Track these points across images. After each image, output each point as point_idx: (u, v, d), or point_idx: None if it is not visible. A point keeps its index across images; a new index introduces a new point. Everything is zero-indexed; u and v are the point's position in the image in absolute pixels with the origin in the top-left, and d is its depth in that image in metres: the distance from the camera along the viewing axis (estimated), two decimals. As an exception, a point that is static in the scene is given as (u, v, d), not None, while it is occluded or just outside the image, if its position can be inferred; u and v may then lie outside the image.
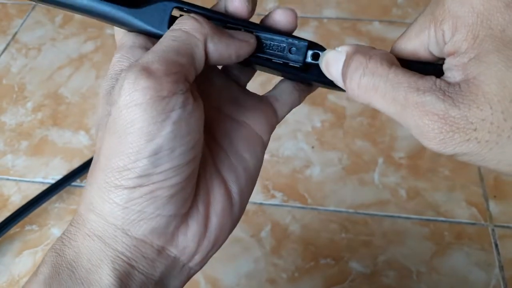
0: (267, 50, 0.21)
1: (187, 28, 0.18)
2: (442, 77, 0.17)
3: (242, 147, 0.21)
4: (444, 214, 0.58)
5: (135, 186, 0.17)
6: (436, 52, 0.18)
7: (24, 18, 0.87)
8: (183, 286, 0.20)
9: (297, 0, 0.85)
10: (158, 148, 0.16)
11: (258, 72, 0.25)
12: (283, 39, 0.21)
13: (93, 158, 0.19)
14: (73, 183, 0.62)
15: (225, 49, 0.19)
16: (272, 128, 0.23)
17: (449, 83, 0.17)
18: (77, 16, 0.87)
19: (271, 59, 0.21)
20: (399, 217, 0.58)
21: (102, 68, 0.78)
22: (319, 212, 0.59)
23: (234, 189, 0.21)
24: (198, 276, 0.55)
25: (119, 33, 0.22)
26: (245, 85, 0.25)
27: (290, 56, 0.21)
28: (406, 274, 0.54)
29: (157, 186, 0.17)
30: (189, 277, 0.20)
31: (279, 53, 0.21)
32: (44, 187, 0.61)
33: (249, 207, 0.60)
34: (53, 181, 0.62)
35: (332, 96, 0.71)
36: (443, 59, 0.19)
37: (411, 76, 0.17)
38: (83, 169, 0.62)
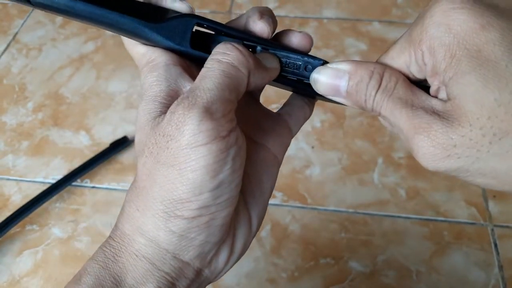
0: (284, 68, 0.22)
1: (235, 63, 0.19)
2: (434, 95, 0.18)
3: (260, 170, 0.22)
4: (444, 214, 0.59)
5: (195, 216, 0.18)
6: (416, 73, 0.19)
7: (24, 18, 0.87)
8: None
9: (297, 0, 0.85)
10: (220, 183, 0.18)
11: None
12: (299, 57, 0.21)
13: (137, 183, 0.19)
14: (74, 183, 0.63)
15: (261, 81, 0.20)
16: (287, 147, 0.24)
17: (439, 101, 0.18)
18: (78, 17, 0.87)
19: (287, 76, 0.22)
20: (398, 217, 0.59)
21: (103, 69, 0.78)
22: (319, 212, 0.60)
23: (255, 215, 0.22)
24: (198, 276, 0.55)
25: (137, 47, 0.22)
26: (259, 98, 0.26)
27: (306, 73, 0.21)
28: (405, 274, 0.54)
29: (214, 216, 0.18)
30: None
31: (295, 70, 0.22)
32: (44, 187, 0.61)
33: (249, 207, 0.60)
34: (53, 181, 0.62)
35: (332, 96, 0.72)
36: (423, 81, 0.19)
37: (408, 91, 0.18)
38: (84, 169, 0.62)
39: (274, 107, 0.70)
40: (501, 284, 0.53)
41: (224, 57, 0.19)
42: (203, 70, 0.19)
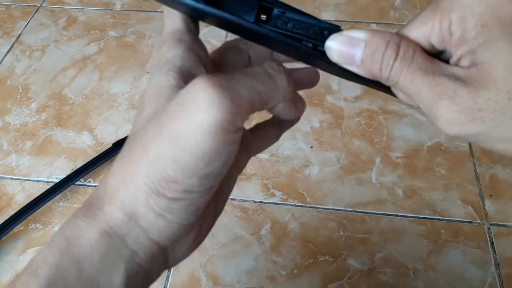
0: (300, 34, 0.20)
1: (279, 86, 0.19)
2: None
3: (234, 167, 0.22)
4: (441, 213, 0.59)
5: (177, 198, 0.17)
6: (437, 43, 0.19)
7: (28, 20, 0.88)
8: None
9: (296, 2, 0.86)
10: (210, 172, 0.17)
11: None
12: (316, 22, 0.20)
13: (126, 153, 0.18)
14: (77, 182, 0.63)
15: (283, 112, 0.20)
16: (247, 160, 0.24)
17: (460, 68, 0.18)
18: (81, 18, 0.88)
19: (301, 40, 0.20)
20: (396, 215, 0.59)
21: (106, 70, 0.79)
22: (318, 210, 0.60)
23: (220, 204, 0.22)
24: (200, 274, 0.56)
25: (173, 15, 0.21)
26: None
27: (321, 39, 0.20)
28: (403, 272, 0.55)
29: (193, 201, 0.18)
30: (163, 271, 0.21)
31: (310, 35, 0.20)
32: (48, 186, 0.61)
33: (249, 205, 0.61)
34: (57, 181, 0.63)
35: (330, 97, 0.73)
36: (441, 52, 0.19)
37: (427, 60, 0.18)
38: (87, 168, 0.63)
39: (274, 108, 0.71)
40: (498, 282, 0.54)
41: (273, 72, 0.19)
42: (248, 68, 0.19)
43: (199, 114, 0.16)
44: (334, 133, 0.68)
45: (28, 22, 0.87)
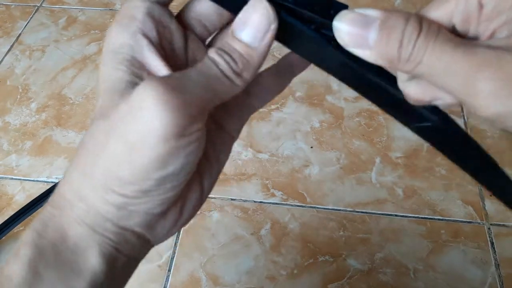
0: (302, 14, 0.18)
1: (236, 83, 0.18)
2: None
3: (219, 150, 0.22)
4: (441, 213, 0.59)
5: (134, 196, 0.17)
6: (460, 23, 0.17)
7: (27, 20, 0.88)
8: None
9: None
10: (167, 175, 0.17)
11: None
12: None
13: (85, 145, 0.18)
14: (77, 182, 0.63)
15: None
16: (243, 124, 0.23)
17: (497, 39, 0.16)
18: (81, 18, 0.88)
19: (304, 17, 0.17)
20: (396, 215, 0.59)
21: (105, 70, 0.79)
22: (318, 210, 0.60)
23: (207, 184, 0.21)
24: (200, 274, 0.56)
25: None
26: None
27: (326, 20, 0.17)
28: (403, 272, 0.55)
29: (154, 198, 0.18)
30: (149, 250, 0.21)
31: (314, 16, 0.17)
32: (48, 186, 0.62)
33: (249, 205, 0.61)
34: (56, 181, 0.63)
35: (330, 97, 0.73)
36: (463, 35, 0.17)
37: (457, 37, 0.16)
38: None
39: (273, 108, 0.71)
40: (498, 282, 0.54)
41: (229, 72, 0.18)
42: (202, 63, 0.17)
43: (150, 120, 0.16)
44: (334, 133, 0.68)
45: (28, 22, 0.87)
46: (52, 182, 0.64)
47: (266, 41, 0.18)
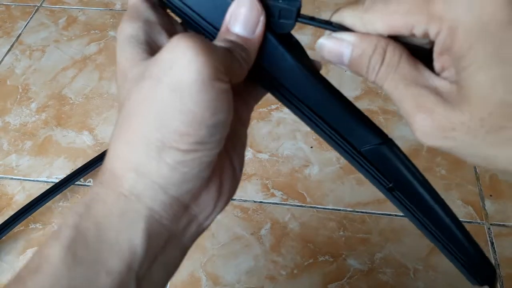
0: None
1: (244, 68, 0.20)
2: (438, 74, 0.19)
3: (239, 127, 0.23)
4: (441, 213, 0.59)
5: (191, 150, 0.18)
6: (419, 35, 0.18)
7: (27, 20, 0.88)
8: (193, 243, 0.21)
9: (296, 2, 0.86)
10: (217, 122, 0.18)
11: None
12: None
13: (124, 115, 0.19)
14: (77, 183, 0.63)
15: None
16: (250, 113, 0.25)
17: (443, 81, 0.18)
18: (81, 18, 0.88)
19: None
20: (396, 215, 0.59)
21: (105, 70, 0.79)
22: (318, 210, 0.60)
23: (237, 164, 0.22)
24: (200, 274, 0.56)
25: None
26: None
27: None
28: (403, 272, 0.55)
29: (207, 153, 0.18)
30: (198, 235, 0.22)
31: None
32: (48, 187, 0.62)
33: (249, 205, 0.61)
34: (57, 181, 0.63)
35: (331, 97, 0.73)
36: (423, 45, 0.19)
37: (412, 67, 0.19)
38: (87, 168, 0.63)
39: (273, 108, 0.71)
40: (498, 282, 0.54)
41: (241, 57, 0.20)
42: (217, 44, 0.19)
43: (192, 66, 0.17)
44: (334, 133, 0.68)
45: (28, 22, 0.88)
46: (52, 182, 0.64)
47: (259, 31, 0.20)
